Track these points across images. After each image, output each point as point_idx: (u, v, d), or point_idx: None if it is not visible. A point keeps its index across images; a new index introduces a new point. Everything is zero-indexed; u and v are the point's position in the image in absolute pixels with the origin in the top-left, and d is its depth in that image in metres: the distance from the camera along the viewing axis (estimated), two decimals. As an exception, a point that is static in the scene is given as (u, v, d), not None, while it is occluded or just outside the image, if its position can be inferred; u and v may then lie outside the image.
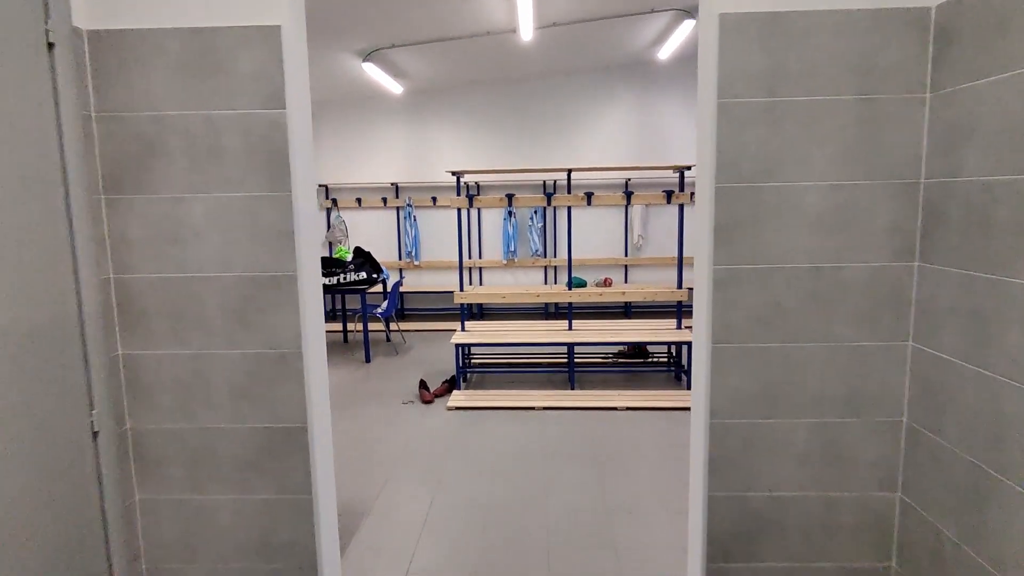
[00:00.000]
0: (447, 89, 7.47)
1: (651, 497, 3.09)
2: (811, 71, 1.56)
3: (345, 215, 7.79)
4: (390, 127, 7.62)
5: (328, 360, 6.20)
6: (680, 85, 7.31)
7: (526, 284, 7.81)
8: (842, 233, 1.64)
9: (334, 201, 7.71)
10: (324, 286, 5.69)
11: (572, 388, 4.79)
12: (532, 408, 4.42)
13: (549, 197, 4.81)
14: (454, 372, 5.14)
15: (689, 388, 4.74)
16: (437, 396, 4.74)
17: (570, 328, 5.10)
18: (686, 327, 5.02)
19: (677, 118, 7.38)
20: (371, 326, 7.19)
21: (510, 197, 4.82)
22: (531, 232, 7.52)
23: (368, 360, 5.83)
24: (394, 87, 6.69)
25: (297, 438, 1.76)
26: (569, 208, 4.92)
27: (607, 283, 7.48)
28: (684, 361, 5.06)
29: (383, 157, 7.67)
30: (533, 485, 3.25)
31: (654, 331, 4.98)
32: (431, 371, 5.45)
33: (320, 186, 7.67)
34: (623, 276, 7.75)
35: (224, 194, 1.62)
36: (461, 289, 5.06)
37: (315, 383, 1.86)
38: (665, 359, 5.41)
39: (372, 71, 5.84)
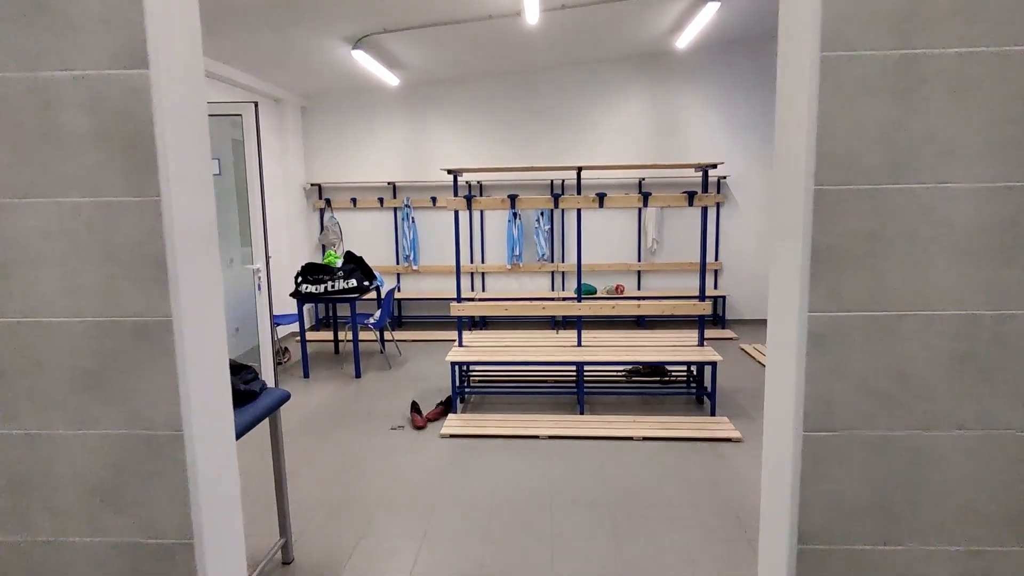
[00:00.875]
0: (447, 81, 6.97)
1: (677, 558, 2.58)
2: (971, 7, 1.01)
3: (339, 216, 7.32)
4: (387, 122, 7.13)
5: (315, 374, 5.78)
6: (700, 77, 6.77)
7: (532, 290, 7.30)
8: (1013, 263, 1.11)
9: (327, 201, 7.23)
10: (310, 295, 5.20)
11: (581, 413, 4.28)
12: (536, 437, 3.91)
13: (556, 198, 4.30)
14: (450, 392, 4.64)
15: (714, 414, 4.22)
16: (431, 420, 4.25)
17: (579, 344, 4.59)
18: (708, 340, 4.49)
19: (696, 113, 6.85)
20: (364, 336, 6.71)
21: (513, 198, 4.31)
22: (537, 235, 7.01)
23: (358, 375, 5.34)
24: (389, 79, 6.20)
25: (182, 560, 1.25)
26: (579, 211, 4.41)
27: (619, 290, 6.96)
28: (707, 382, 4.53)
29: (380, 154, 7.19)
30: (535, 543, 2.74)
31: (674, 348, 4.45)
32: (426, 388, 4.96)
33: (312, 185, 7.20)
34: (635, 282, 7.22)
35: (65, 199, 1.10)
36: (458, 299, 4.56)
37: (207, 481, 1.28)
38: (684, 377, 4.88)
39: (364, 60, 5.35)
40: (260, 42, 4.94)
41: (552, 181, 7.06)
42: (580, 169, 4.32)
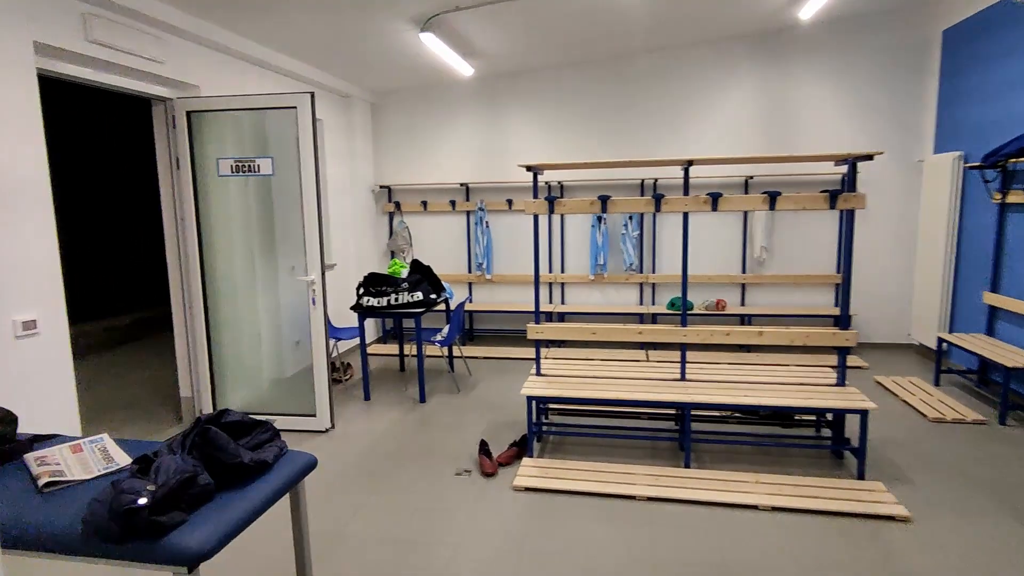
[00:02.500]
0: (526, 71, 6.30)
1: None
2: None
3: (409, 220, 6.82)
4: (460, 118, 6.55)
5: (377, 396, 4.88)
6: (822, 56, 5.74)
7: (617, 303, 6.50)
8: None
9: (397, 205, 6.74)
10: (372, 308, 4.67)
11: (687, 465, 3.46)
12: (632, 498, 3.15)
13: (658, 200, 3.51)
14: (525, 430, 3.96)
15: (862, 476, 3.28)
16: (502, 465, 3.57)
17: (683, 377, 3.77)
18: (850, 381, 3.55)
19: (816, 100, 5.81)
20: (431, 351, 6.15)
21: (604, 200, 3.57)
22: (625, 242, 6.20)
23: (423, 400, 4.76)
24: (463, 68, 5.61)
25: None
26: (685, 215, 3.60)
27: (720, 306, 6.03)
28: (848, 430, 3.59)
29: (452, 154, 6.63)
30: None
31: (807, 389, 3.54)
32: (498, 420, 4.29)
33: (382, 187, 6.74)
34: (739, 296, 6.26)
35: None
36: (536, 317, 3.86)
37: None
38: (812, 418, 3.95)
39: (434, 45, 4.77)
40: (318, 27, 4.46)
41: (643, 181, 6.23)
42: (689, 164, 3.51)
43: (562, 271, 6.54)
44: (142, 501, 1.43)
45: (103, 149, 7.22)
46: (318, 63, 5.29)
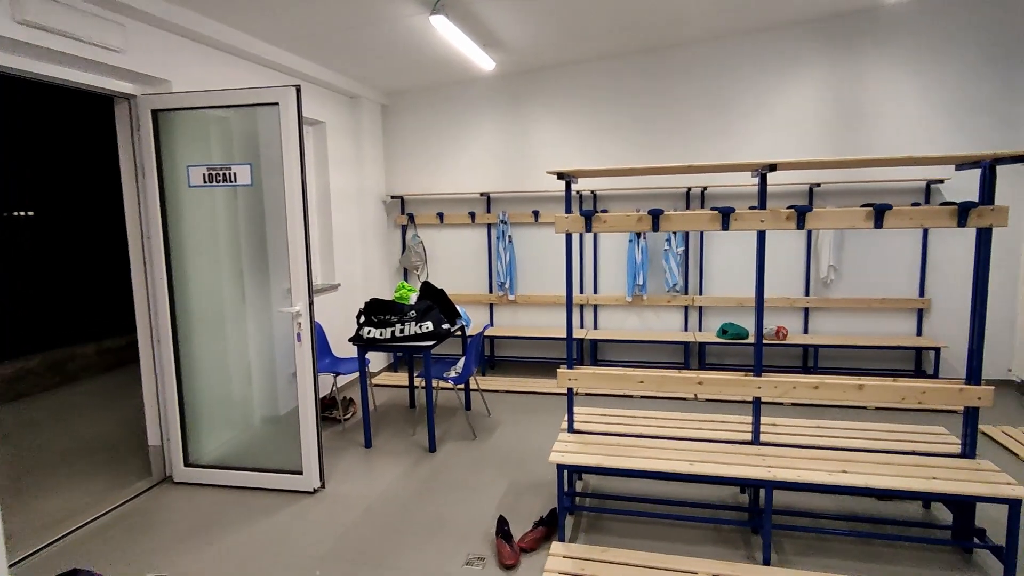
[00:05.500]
0: (556, 66, 5.58)
1: None
2: None
3: (423, 234, 6.13)
4: (481, 120, 5.86)
5: (380, 442, 3.93)
6: (912, 42, 4.89)
7: (658, 329, 5.70)
8: None
9: (410, 217, 6.07)
10: (373, 340, 3.98)
11: (766, 562, 2.65)
12: (698, 613, 2.36)
13: (726, 216, 2.73)
14: (555, 503, 3.22)
15: (1011, 588, 2.44)
16: (525, 551, 2.82)
17: (755, 440, 2.97)
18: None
19: (896, 93, 4.96)
20: (445, 384, 5.43)
21: (656, 216, 2.81)
22: (668, 259, 5.41)
23: (432, 449, 4.03)
24: (483, 61, 4.91)
25: None
26: (762, 233, 2.82)
27: (781, 335, 5.18)
28: (983, 520, 2.75)
29: (472, 160, 5.93)
30: None
31: (923, 463, 2.71)
32: (521, 481, 3.54)
33: (393, 198, 6.07)
34: (801, 323, 5.40)
35: None
36: (570, 362, 3.11)
37: None
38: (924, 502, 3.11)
39: (448, 31, 4.08)
40: (315, 11, 3.80)
41: (689, 190, 5.44)
42: (767, 169, 2.72)
43: (595, 292, 5.77)
44: None
45: (68, 154, 6.43)
46: (320, 59, 4.65)
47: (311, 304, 3.34)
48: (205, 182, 3.33)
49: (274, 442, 3.68)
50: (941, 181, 4.89)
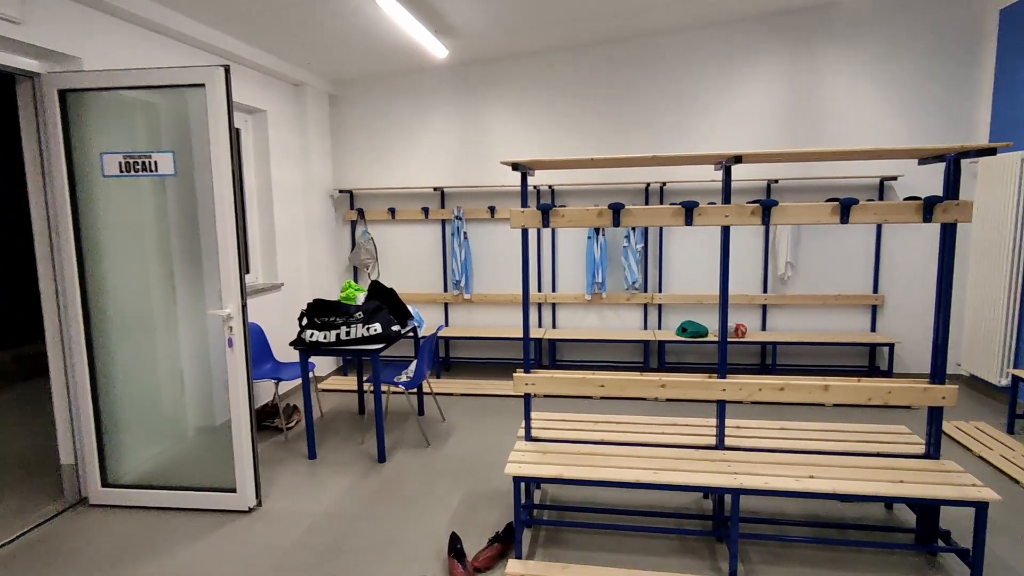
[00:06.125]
0: (513, 56, 5.38)
1: None
2: None
3: (374, 231, 5.85)
4: (433, 111, 5.61)
5: (326, 452, 3.52)
6: (865, 39, 4.89)
7: (617, 328, 5.58)
8: None
9: (360, 212, 5.77)
10: (316, 344, 3.70)
11: (733, 574, 2.52)
12: (664, 635, 2.21)
13: (690, 211, 2.59)
14: (510, 511, 3.03)
15: (978, 593, 2.38)
16: (479, 570, 2.62)
17: (720, 444, 2.85)
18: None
19: (852, 88, 4.96)
20: (395, 389, 5.18)
21: (617, 211, 2.64)
22: (627, 256, 5.29)
23: (382, 459, 3.79)
24: (435, 48, 4.67)
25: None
26: (726, 228, 2.69)
27: (740, 332, 5.14)
28: (947, 522, 2.69)
29: (425, 153, 5.68)
30: None
31: (889, 465, 2.64)
32: (476, 491, 3.34)
33: (342, 192, 5.76)
34: (759, 320, 5.38)
35: None
36: (527, 365, 2.92)
37: None
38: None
39: (398, 15, 3.83)
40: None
41: (648, 186, 5.33)
42: (732, 162, 2.59)
43: (553, 290, 5.61)
44: None
45: None
46: (261, 42, 4.31)
47: (244, 306, 3.04)
48: (122, 171, 2.99)
49: (209, 456, 3.36)
50: (895, 178, 4.92)
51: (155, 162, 2.96)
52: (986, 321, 4.60)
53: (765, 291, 5.30)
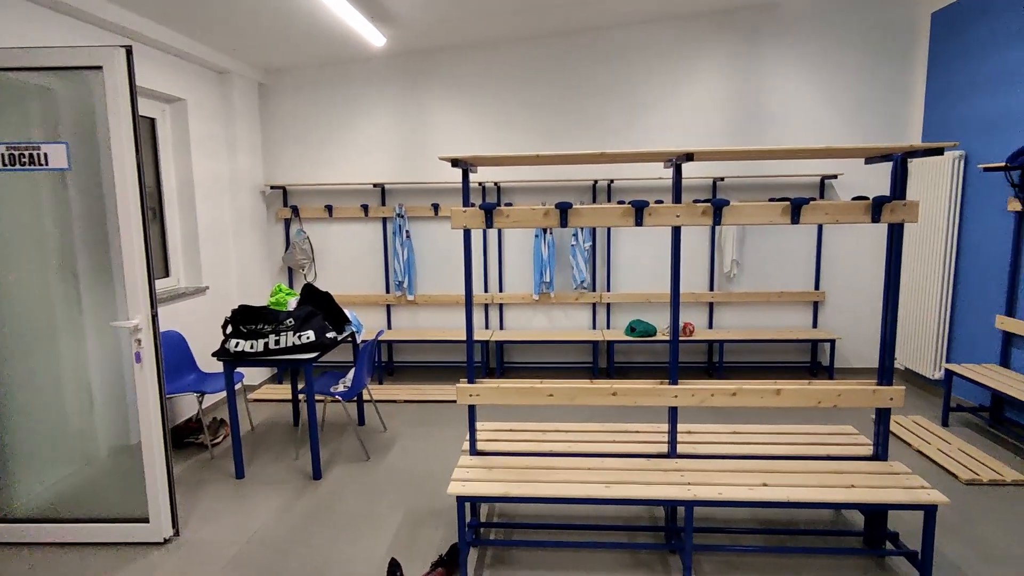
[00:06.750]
0: (456, 47, 5.17)
1: None
2: None
3: (310, 229, 5.52)
4: (373, 103, 5.33)
5: (255, 469, 3.08)
6: (805, 38, 4.93)
7: (566, 328, 5.47)
8: None
9: (294, 210, 5.43)
10: (242, 355, 3.40)
11: (687, 588, 2.43)
12: (618, 663, 2.08)
13: (639, 210, 2.47)
14: (455, 530, 2.85)
15: (928, 597, 2.36)
16: (421, 600, 2.43)
17: (672, 452, 2.75)
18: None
19: (793, 87, 5.00)
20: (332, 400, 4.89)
21: (564, 211, 2.49)
22: (575, 255, 5.18)
23: (317, 476, 3.52)
24: (372, 35, 4.41)
25: None
26: (677, 228, 2.58)
27: (688, 331, 5.11)
28: (898, 526, 2.68)
29: (363, 147, 5.39)
30: None
31: (840, 469, 2.60)
32: (420, 508, 3.13)
33: (274, 188, 5.40)
34: (706, 319, 5.37)
35: None
36: (470, 375, 2.73)
37: None
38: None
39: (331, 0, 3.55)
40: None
41: (596, 183, 5.23)
42: (683, 159, 2.48)
43: (500, 290, 5.44)
44: None
45: None
46: (177, 24, 3.93)
47: (155, 316, 2.73)
48: (5, 165, 2.62)
49: (123, 480, 3.02)
50: (835, 177, 5.00)
51: (44, 154, 2.61)
52: (920, 317, 4.73)
53: (712, 289, 5.30)
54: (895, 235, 2.53)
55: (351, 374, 3.95)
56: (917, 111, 4.92)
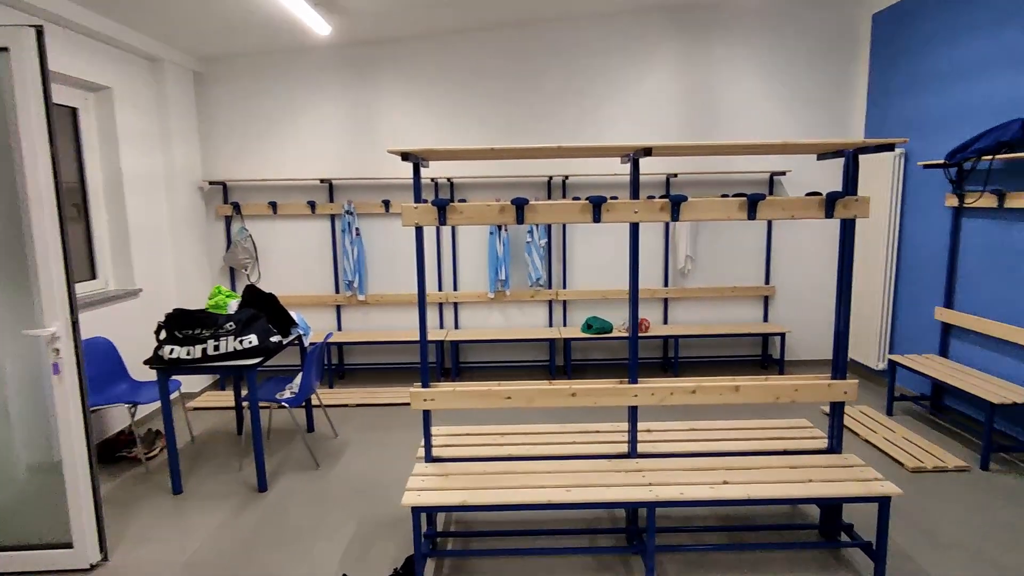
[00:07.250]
0: (405, 38, 5.00)
1: None
2: None
3: (253, 227, 5.25)
4: (319, 95, 5.10)
5: (195, 482, 2.69)
6: (754, 34, 4.99)
7: (521, 325, 5.40)
8: None
9: (236, 207, 5.15)
10: (177, 362, 3.17)
11: (650, 590, 2.38)
12: (582, 675, 2.01)
13: (597, 207, 2.40)
14: (411, 538, 2.73)
15: (883, 588, 2.39)
16: (375, 618, 2.30)
17: (632, 452, 2.70)
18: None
19: (742, 84, 5.06)
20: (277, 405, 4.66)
21: (520, 207, 2.40)
22: (530, 252, 5.10)
23: (263, 487, 3.33)
24: (317, 25, 4.20)
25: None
26: (635, 225, 2.53)
27: (644, 327, 5.12)
28: (853, 518, 2.71)
29: (309, 141, 5.16)
30: None
31: (798, 464, 2.61)
32: (373, 517, 2.99)
33: (213, 184, 5.11)
34: (661, 314, 5.40)
35: None
36: (424, 379, 2.62)
37: None
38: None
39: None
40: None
41: (551, 179, 5.17)
42: (641, 154, 2.43)
43: (455, 288, 5.32)
44: None
45: None
46: (99, 5, 3.63)
47: (75, 323, 2.49)
48: None
49: (46, 501, 2.75)
50: (783, 173, 5.09)
51: (-58, 145, 2.33)
52: (865, 310, 4.87)
53: (666, 284, 5.33)
54: (847, 230, 2.54)
55: (298, 379, 3.76)
56: (860, 109, 5.06)
